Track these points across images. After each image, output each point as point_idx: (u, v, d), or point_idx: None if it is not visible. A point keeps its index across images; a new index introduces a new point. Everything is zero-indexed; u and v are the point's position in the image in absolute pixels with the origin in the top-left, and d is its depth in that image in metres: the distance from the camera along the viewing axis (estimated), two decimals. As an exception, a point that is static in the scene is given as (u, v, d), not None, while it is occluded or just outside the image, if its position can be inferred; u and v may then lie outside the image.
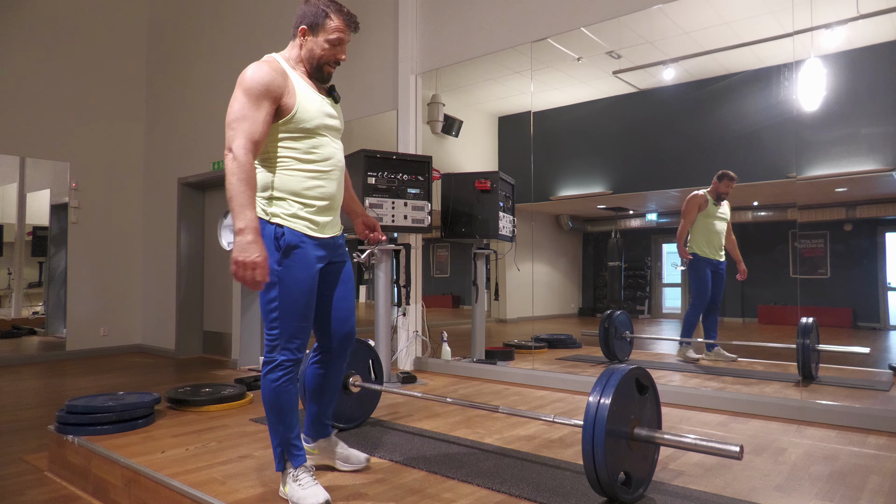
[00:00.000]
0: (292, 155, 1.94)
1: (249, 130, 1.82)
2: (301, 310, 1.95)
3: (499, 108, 5.26)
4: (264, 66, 1.89)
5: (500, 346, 4.84)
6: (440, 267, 5.66)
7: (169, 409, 3.34)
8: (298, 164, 1.94)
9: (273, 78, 1.88)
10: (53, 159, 6.63)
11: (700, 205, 4.13)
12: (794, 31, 3.31)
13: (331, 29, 1.98)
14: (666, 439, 1.90)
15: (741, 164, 3.92)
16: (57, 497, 2.55)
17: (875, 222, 3.76)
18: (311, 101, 1.97)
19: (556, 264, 5.20)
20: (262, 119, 1.85)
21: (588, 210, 5.11)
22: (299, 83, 1.96)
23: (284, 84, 1.91)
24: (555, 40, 4.21)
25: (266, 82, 1.86)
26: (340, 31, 2.00)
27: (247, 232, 1.76)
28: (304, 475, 1.97)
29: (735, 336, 4.23)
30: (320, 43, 1.99)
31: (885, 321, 3.73)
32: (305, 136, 1.95)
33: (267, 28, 5.99)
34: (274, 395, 1.95)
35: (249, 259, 1.75)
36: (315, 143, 1.97)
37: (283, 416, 1.96)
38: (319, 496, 1.91)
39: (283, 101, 1.90)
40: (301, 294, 1.94)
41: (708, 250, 4.17)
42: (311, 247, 1.96)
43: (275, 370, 1.95)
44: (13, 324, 6.69)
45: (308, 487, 1.93)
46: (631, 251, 4.91)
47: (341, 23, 2.00)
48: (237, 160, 1.79)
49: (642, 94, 4.39)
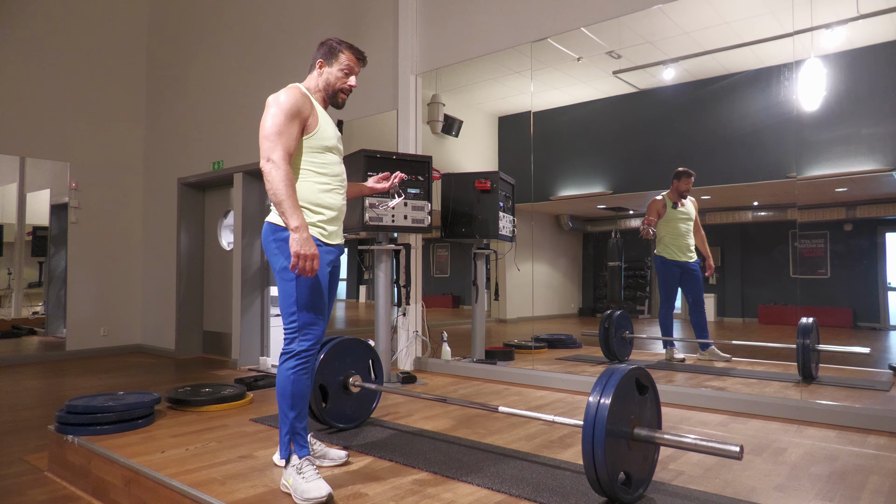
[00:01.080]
0: (311, 168, 2.20)
1: (286, 144, 2.09)
2: (317, 303, 2.17)
3: (499, 108, 5.26)
4: (297, 91, 2.18)
5: (500, 346, 4.84)
6: (440, 267, 5.66)
7: (169, 409, 3.34)
8: (315, 175, 2.20)
9: (304, 101, 2.17)
10: (53, 159, 6.63)
11: (658, 211, 4.20)
12: (794, 31, 3.31)
13: (343, 60, 2.30)
14: (666, 439, 1.90)
15: (741, 164, 3.93)
16: (57, 497, 2.55)
17: (875, 222, 3.76)
18: (328, 123, 2.27)
19: (556, 264, 5.20)
20: (295, 135, 2.13)
21: (588, 210, 5.11)
22: (319, 108, 2.27)
23: (311, 107, 2.20)
24: (555, 40, 4.21)
25: (299, 104, 2.15)
26: (351, 62, 2.32)
27: (302, 229, 2.02)
28: (308, 467, 2.03)
29: (735, 336, 4.23)
30: (335, 72, 2.30)
31: (885, 321, 3.73)
32: (322, 153, 2.22)
33: (267, 28, 6.00)
34: (288, 383, 2.12)
35: (311, 252, 2.02)
36: (329, 160, 2.24)
37: (294, 405, 2.12)
38: (322, 489, 1.95)
39: (309, 122, 2.19)
40: (316, 290, 2.16)
41: (675, 252, 4.22)
42: (323, 252, 2.19)
43: (291, 359, 2.14)
44: (13, 324, 6.69)
45: (311, 480, 1.98)
46: (631, 251, 4.91)
47: (352, 56, 2.32)
48: (280, 168, 2.04)
49: (642, 94, 4.39)
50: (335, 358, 2.78)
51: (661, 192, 4.22)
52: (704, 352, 4.15)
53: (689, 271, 4.21)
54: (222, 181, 6.49)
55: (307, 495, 1.94)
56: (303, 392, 2.14)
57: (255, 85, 6.00)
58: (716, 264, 4.41)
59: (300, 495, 1.95)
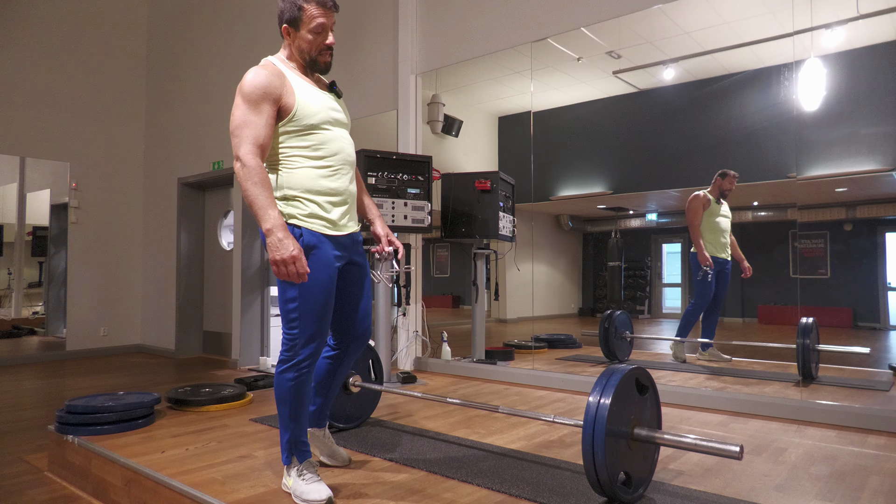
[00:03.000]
0: (301, 153, 1.95)
1: (253, 135, 1.85)
2: (321, 310, 1.96)
3: (499, 108, 5.26)
4: (260, 71, 1.92)
5: (500, 346, 4.84)
6: (440, 267, 5.66)
7: (169, 409, 3.34)
8: (308, 161, 1.95)
9: (270, 81, 1.90)
10: (53, 159, 6.63)
11: (704, 204, 4.11)
12: (794, 31, 3.31)
13: (308, 18, 1.97)
14: (666, 439, 1.90)
15: (741, 164, 3.92)
16: (57, 497, 2.55)
17: (875, 222, 3.76)
18: (311, 97, 1.97)
19: (556, 264, 5.20)
20: (265, 122, 1.87)
21: (588, 210, 5.11)
22: (297, 81, 1.98)
23: (282, 85, 1.92)
24: (555, 40, 4.21)
25: (263, 85, 1.88)
26: (319, 17, 1.97)
27: (275, 230, 1.79)
28: (309, 471, 1.99)
29: (735, 336, 4.23)
30: (304, 35, 1.99)
31: (885, 321, 3.73)
32: (311, 132, 1.95)
33: (267, 28, 5.99)
34: (288, 393, 1.97)
35: (287, 255, 1.78)
36: (323, 139, 1.97)
37: (295, 414, 1.99)
38: (322, 493, 1.92)
39: (284, 102, 1.92)
40: (321, 295, 1.95)
41: (715, 250, 4.16)
42: (329, 246, 1.97)
43: (291, 369, 1.97)
44: (13, 324, 6.69)
45: (311, 483, 1.95)
46: (631, 251, 4.91)
47: (316, 8, 1.97)
48: (246, 166, 1.82)
49: (642, 94, 4.39)
50: (335, 358, 2.78)
51: (702, 189, 4.11)
52: (704, 352, 4.14)
53: (724, 271, 4.14)
54: (222, 181, 6.49)
55: (307, 497, 1.91)
56: (304, 402, 2.00)
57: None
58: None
59: (300, 496, 1.93)
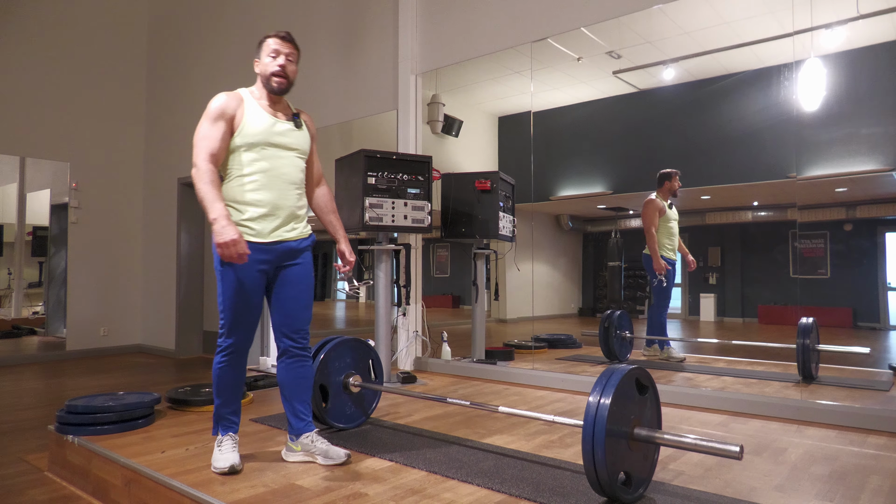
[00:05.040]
0: (236, 168, 2.27)
1: (208, 146, 2.21)
2: (239, 306, 2.24)
3: (499, 108, 5.26)
4: (222, 94, 2.28)
5: (500, 346, 4.84)
6: (440, 267, 5.66)
7: (169, 409, 3.34)
8: (238, 176, 2.27)
9: (227, 103, 2.26)
10: (53, 159, 6.63)
11: (660, 210, 4.24)
12: (794, 31, 3.31)
13: (266, 46, 2.35)
14: (666, 439, 1.90)
15: (741, 164, 3.93)
16: (57, 497, 2.55)
17: (875, 222, 3.77)
18: (257, 120, 2.28)
19: (556, 264, 5.20)
20: (219, 136, 2.23)
21: (588, 210, 5.11)
22: (252, 106, 2.30)
23: (237, 107, 2.27)
24: (555, 40, 4.21)
25: (221, 106, 2.25)
26: (275, 45, 2.33)
27: (220, 219, 2.10)
28: (227, 442, 2.28)
29: (735, 336, 4.23)
30: (263, 60, 2.34)
31: (885, 321, 3.73)
32: (248, 150, 2.26)
33: (267, 28, 5.98)
34: (214, 374, 2.32)
35: (228, 238, 2.07)
36: (257, 156, 2.27)
37: (220, 392, 2.31)
38: (227, 461, 2.21)
39: (235, 120, 2.26)
40: (238, 293, 2.23)
41: (670, 251, 4.32)
42: (254, 250, 2.22)
43: (218, 354, 2.30)
44: (13, 324, 6.70)
45: (225, 452, 2.24)
46: (631, 251, 4.91)
47: (273, 39, 2.34)
48: (200, 169, 2.17)
49: (642, 94, 4.39)
50: (335, 358, 2.78)
51: (651, 194, 4.24)
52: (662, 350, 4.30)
53: (674, 269, 4.34)
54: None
55: (215, 464, 2.23)
56: (226, 383, 2.29)
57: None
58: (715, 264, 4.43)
59: (213, 464, 2.24)
